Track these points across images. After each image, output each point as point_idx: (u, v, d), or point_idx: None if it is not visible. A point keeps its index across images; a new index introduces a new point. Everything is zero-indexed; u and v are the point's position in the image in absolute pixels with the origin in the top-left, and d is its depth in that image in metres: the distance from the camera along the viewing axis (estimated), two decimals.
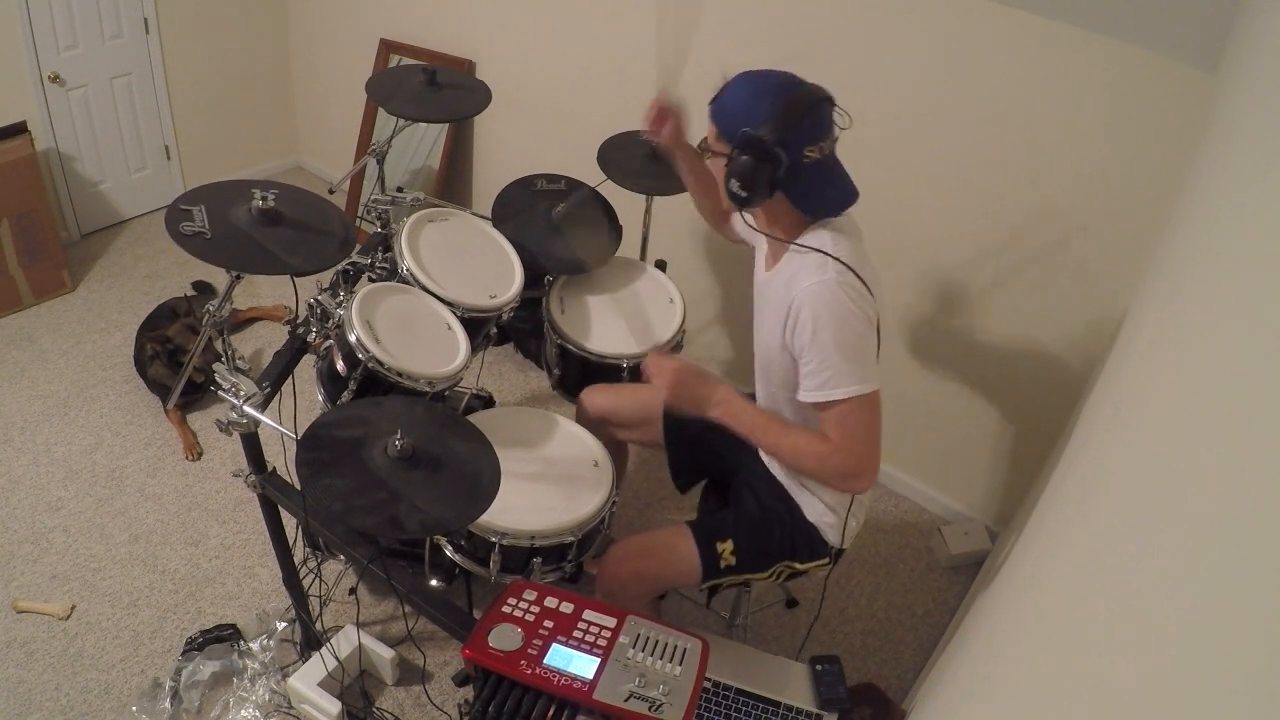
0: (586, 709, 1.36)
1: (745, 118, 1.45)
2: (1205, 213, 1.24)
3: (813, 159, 1.47)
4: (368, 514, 1.36)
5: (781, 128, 1.43)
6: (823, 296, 1.45)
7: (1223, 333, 0.86)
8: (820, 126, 1.47)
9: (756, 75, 1.50)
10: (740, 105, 1.48)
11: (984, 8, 2.13)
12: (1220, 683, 0.53)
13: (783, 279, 1.57)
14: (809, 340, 1.47)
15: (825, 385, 1.48)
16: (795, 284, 1.50)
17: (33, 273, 3.20)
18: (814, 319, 1.46)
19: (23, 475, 2.62)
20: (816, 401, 1.51)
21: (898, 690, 2.28)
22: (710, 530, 1.78)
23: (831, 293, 1.45)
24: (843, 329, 1.46)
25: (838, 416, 1.51)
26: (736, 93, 1.49)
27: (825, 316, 1.45)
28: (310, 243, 1.57)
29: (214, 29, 3.63)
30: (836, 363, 1.46)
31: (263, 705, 2.06)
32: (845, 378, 1.47)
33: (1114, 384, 1.58)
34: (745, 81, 1.50)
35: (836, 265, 1.47)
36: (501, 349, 3.22)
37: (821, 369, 1.48)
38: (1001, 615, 1.46)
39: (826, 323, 1.45)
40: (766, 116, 1.43)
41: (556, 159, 2.66)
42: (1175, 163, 1.95)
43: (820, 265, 1.48)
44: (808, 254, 1.51)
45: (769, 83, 1.48)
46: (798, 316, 1.48)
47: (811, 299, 1.46)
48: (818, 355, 1.47)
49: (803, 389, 1.53)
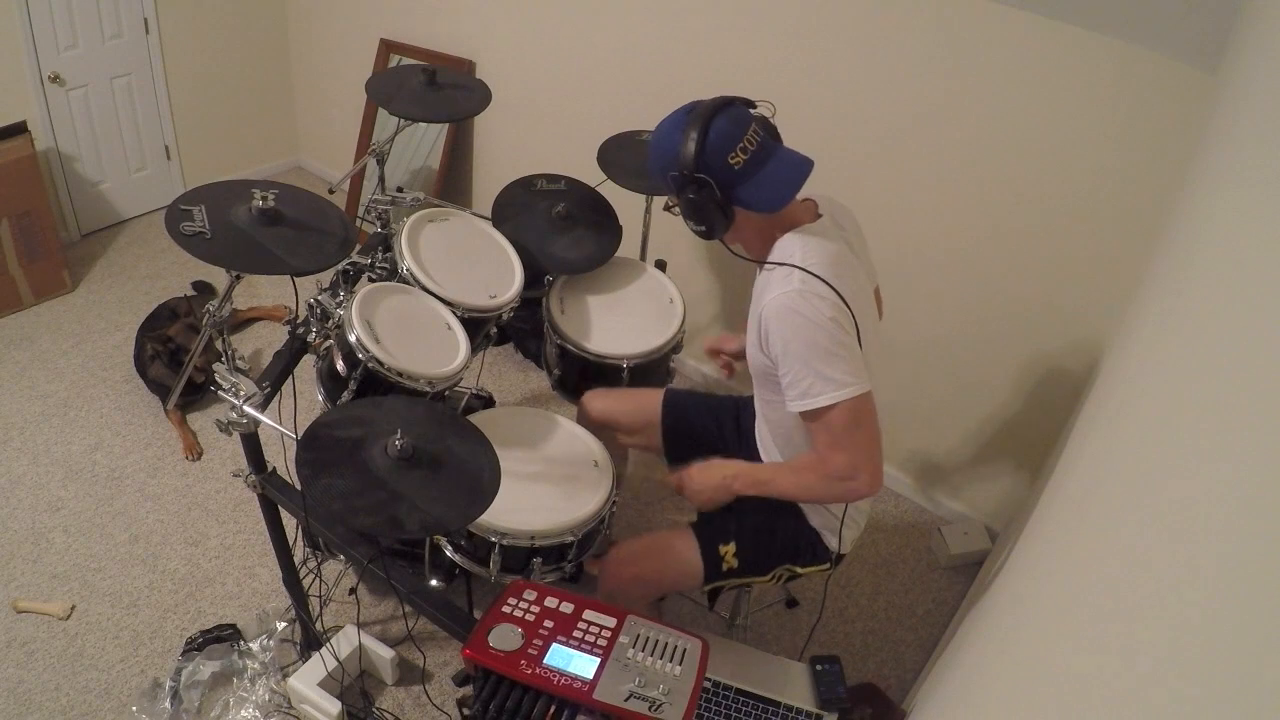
0: (586, 709, 1.36)
1: (664, 164, 1.52)
2: (1205, 213, 1.24)
3: (741, 161, 1.48)
4: (368, 514, 1.36)
5: (695, 153, 1.47)
6: (787, 307, 1.47)
7: (1223, 333, 0.86)
8: (732, 131, 1.49)
9: (661, 124, 1.56)
10: (657, 156, 1.55)
11: (983, 7, 2.13)
12: (1220, 683, 0.53)
13: (758, 291, 1.60)
14: (781, 352, 1.49)
15: (805, 395, 1.49)
16: (764, 297, 1.52)
17: (33, 273, 3.20)
18: (781, 330, 1.47)
19: (23, 475, 2.62)
20: (801, 411, 1.51)
21: (898, 690, 2.28)
22: (712, 533, 1.78)
23: (794, 303, 1.46)
24: (812, 337, 1.46)
25: (823, 424, 1.52)
26: (651, 148, 1.57)
27: (791, 327, 1.46)
28: (310, 243, 1.57)
29: (214, 29, 3.64)
30: (811, 371, 1.47)
31: (263, 705, 2.06)
32: (823, 384, 1.47)
33: (1114, 384, 1.58)
34: (654, 134, 1.57)
35: (802, 275, 1.48)
36: (501, 349, 3.22)
37: (799, 379, 1.49)
38: (1001, 615, 1.46)
39: (794, 333, 1.46)
40: (678, 152, 1.48)
41: (556, 159, 2.66)
42: (1175, 163, 1.95)
43: (786, 276, 1.49)
44: (775, 268, 1.53)
45: (666, 124, 1.55)
46: (768, 330, 1.50)
47: (777, 311, 1.48)
48: (793, 366, 1.48)
49: (786, 400, 1.54)
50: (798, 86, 2.49)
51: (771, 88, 2.59)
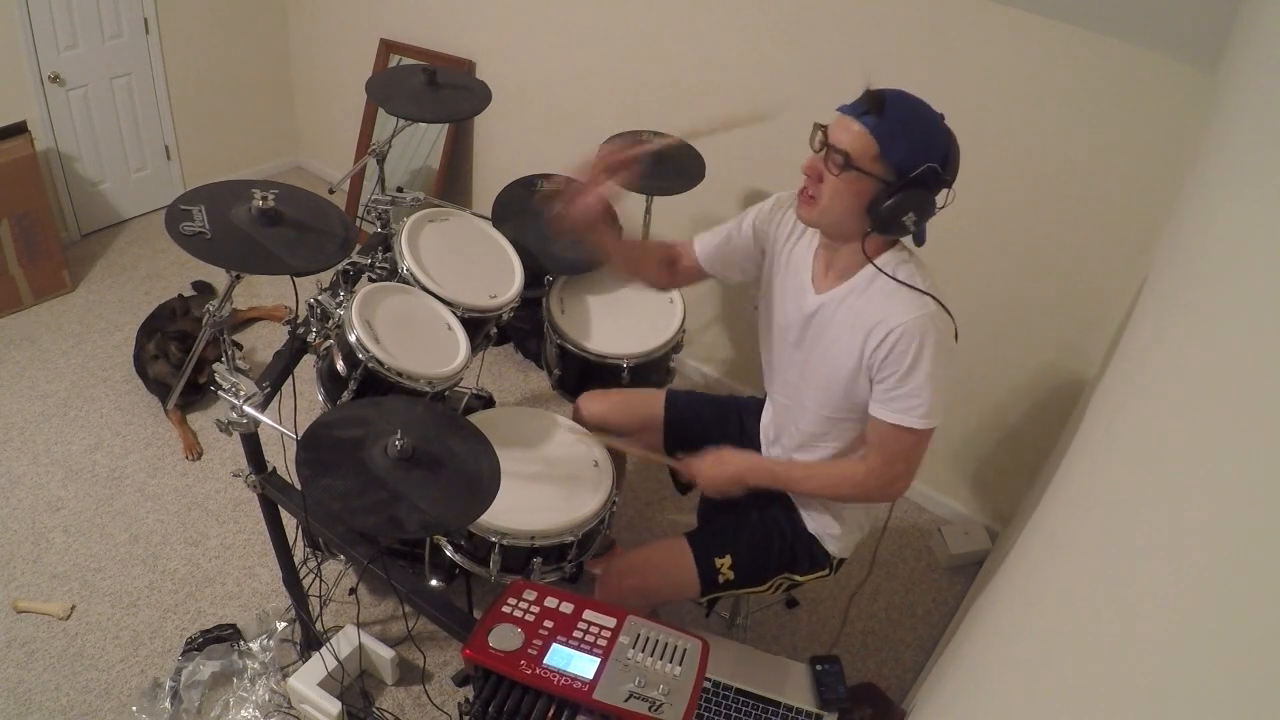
0: (586, 709, 1.36)
1: (928, 150, 1.40)
2: (1205, 213, 1.24)
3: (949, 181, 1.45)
4: (367, 514, 1.36)
5: (952, 170, 1.43)
6: (931, 332, 1.45)
7: (1223, 334, 0.86)
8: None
9: (919, 105, 1.44)
10: (920, 135, 1.41)
11: (982, 6, 2.13)
12: (1219, 683, 0.53)
13: (857, 298, 1.54)
14: (906, 367, 1.46)
15: (905, 412, 1.49)
16: (888, 308, 1.48)
17: (33, 273, 3.20)
18: (919, 350, 1.45)
19: (23, 475, 2.62)
20: (891, 422, 1.51)
21: (898, 690, 2.28)
22: (709, 545, 1.78)
23: (939, 330, 1.46)
24: (939, 368, 1.47)
25: (893, 440, 1.53)
26: (914, 120, 1.42)
27: (930, 350, 1.45)
28: (310, 243, 1.57)
29: (214, 29, 3.63)
30: (926, 397, 1.47)
31: (263, 705, 2.06)
32: (924, 411, 1.48)
33: (1114, 385, 1.58)
34: (914, 109, 1.43)
35: (934, 303, 1.47)
36: (501, 349, 3.22)
37: (908, 395, 1.48)
38: (1001, 615, 1.46)
39: (930, 356, 1.45)
40: (945, 153, 1.42)
41: (556, 159, 2.66)
42: (1175, 163, 1.95)
43: (920, 298, 1.47)
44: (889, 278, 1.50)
45: (934, 117, 1.44)
46: (895, 342, 1.46)
47: (920, 332, 1.45)
48: (910, 384, 1.47)
49: (877, 403, 1.53)
50: (798, 87, 2.49)
51: (771, 87, 2.60)
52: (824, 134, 1.45)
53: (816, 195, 1.47)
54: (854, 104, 1.44)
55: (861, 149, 1.40)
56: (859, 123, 1.41)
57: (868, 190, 1.43)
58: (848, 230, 1.50)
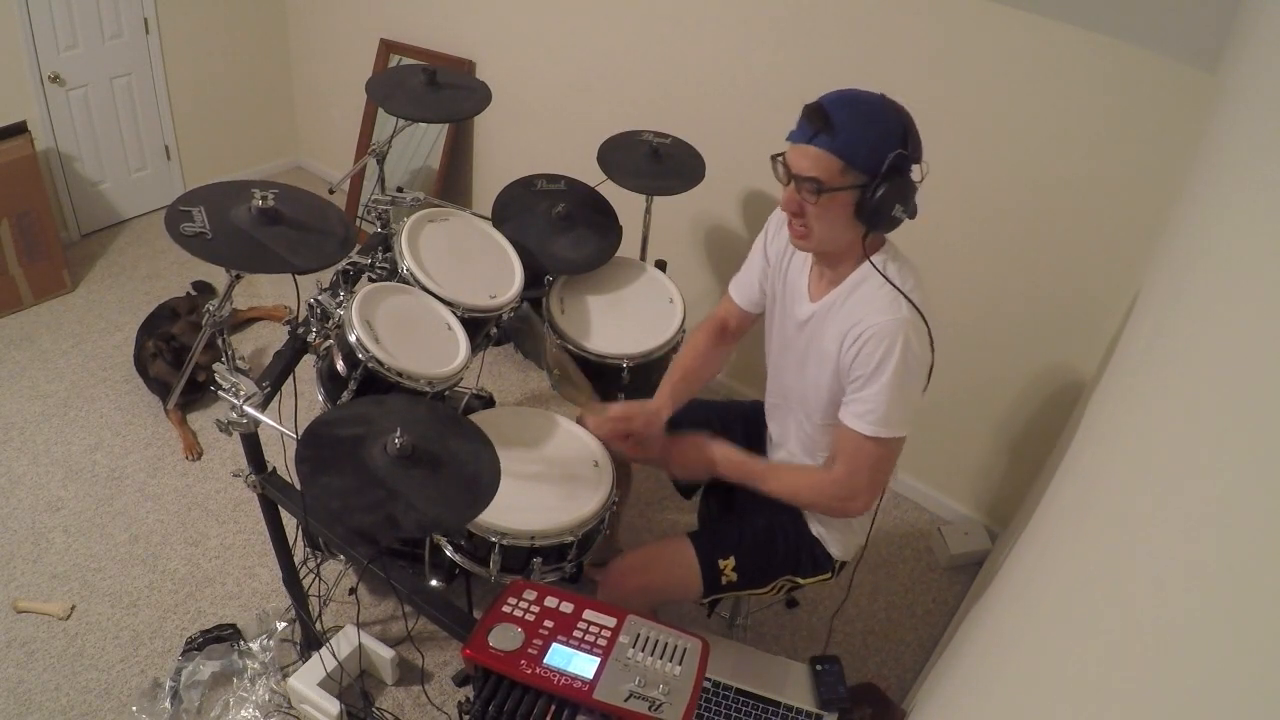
0: (586, 709, 1.36)
1: (887, 140, 1.40)
2: (1205, 213, 1.24)
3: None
4: (366, 513, 1.36)
5: (914, 145, 1.43)
6: (899, 338, 1.44)
7: (1222, 334, 0.86)
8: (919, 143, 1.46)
9: (860, 100, 1.43)
10: (874, 130, 1.41)
11: (982, 7, 2.13)
12: (1219, 683, 0.53)
13: (842, 303, 1.54)
14: (870, 370, 1.47)
15: (863, 417, 1.49)
16: (864, 310, 1.48)
17: (33, 273, 3.20)
18: (885, 353, 1.45)
19: (23, 475, 2.62)
20: (850, 426, 1.52)
21: (898, 690, 2.28)
22: (712, 546, 1.78)
23: (908, 336, 1.45)
24: (905, 374, 1.46)
25: (855, 448, 1.53)
26: (863, 120, 1.41)
27: (897, 356, 1.44)
28: (310, 242, 1.57)
29: (214, 29, 3.64)
30: (885, 403, 1.47)
31: (263, 705, 2.06)
32: (885, 420, 1.48)
33: (1113, 385, 1.58)
34: (858, 109, 1.42)
35: (910, 307, 1.47)
36: (501, 349, 3.22)
37: (868, 401, 1.48)
38: (1001, 615, 1.46)
39: (896, 361, 1.45)
40: (903, 134, 1.41)
41: (556, 159, 2.66)
42: (1175, 163, 1.94)
43: (895, 301, 1.47)
44: (874, 277, 1.50)
45: (878, 103, 1.43)
46: (864, 344, 1.47)
47: (889, 335, 1.44)
48: (871, 388, 1.48)
49: (843, 406, 1.54)
50: (797, 87, 2.49)
51: (770, 87, 2.60)
52: (785, 166, 1.47)
53: (807, 227, 1.49)
54: (800, 129, 1.43)
55: (827, 169, 1.41)
56: (814, 146, 1.41)
57: (849, 201, 1.44)
58: (847, 241, 1.51)
